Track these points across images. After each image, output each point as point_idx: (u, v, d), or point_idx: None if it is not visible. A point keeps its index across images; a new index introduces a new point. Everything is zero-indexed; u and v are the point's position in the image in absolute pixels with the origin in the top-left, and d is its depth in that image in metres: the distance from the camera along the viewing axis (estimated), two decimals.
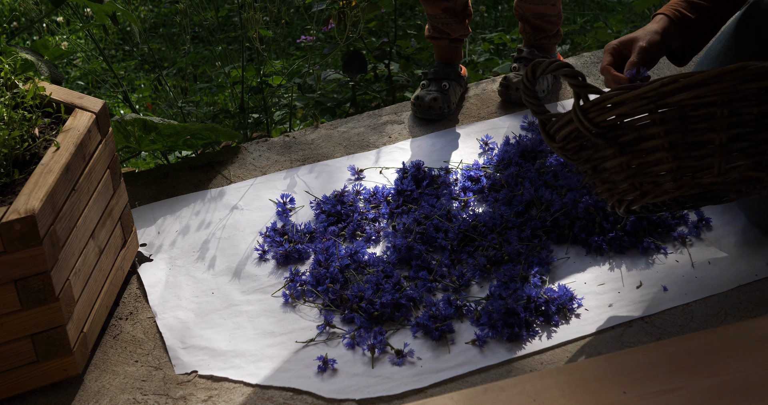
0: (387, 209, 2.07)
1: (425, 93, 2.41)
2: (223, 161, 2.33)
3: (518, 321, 1.73)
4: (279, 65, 3.23)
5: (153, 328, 1.83)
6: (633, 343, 1.70)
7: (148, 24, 3.89)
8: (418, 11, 3.72)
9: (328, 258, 1.92)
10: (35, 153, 1.69)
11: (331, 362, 1.70)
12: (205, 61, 3.41)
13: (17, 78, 1.82)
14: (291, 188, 2.21)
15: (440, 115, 2.40)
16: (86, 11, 3.21)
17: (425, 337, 1.75)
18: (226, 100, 3.09)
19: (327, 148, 2.37)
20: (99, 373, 1.73)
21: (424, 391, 1.64)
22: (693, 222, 1.97)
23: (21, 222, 1.50)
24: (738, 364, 1.22)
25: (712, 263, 1.87)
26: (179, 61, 3.23)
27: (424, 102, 2.39)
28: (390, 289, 1.82)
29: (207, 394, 1.67)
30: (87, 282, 1.73)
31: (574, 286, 1.84)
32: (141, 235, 2.08)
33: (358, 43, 2.79)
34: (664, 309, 1.77)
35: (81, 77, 3.60)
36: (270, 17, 2.55)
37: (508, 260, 1.89)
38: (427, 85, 2.44)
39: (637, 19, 3.35)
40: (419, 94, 2.43)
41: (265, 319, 1.83)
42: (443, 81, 2.43)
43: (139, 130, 2.20)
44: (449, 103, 2.41)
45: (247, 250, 2.02)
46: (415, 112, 2.43)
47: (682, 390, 1.19)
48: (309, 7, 3.36)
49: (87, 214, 1.73)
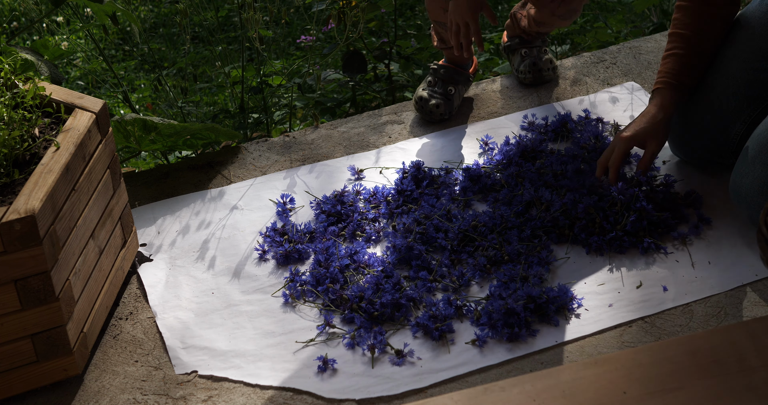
0: (387, 209, 2.07)
1: (429, 95, 2.39)
2: (223, 161, 2.33)
3: (518, 321, 1.73)
4: (279, 65, 3.23)
5: (153, 328, 1.83)
6: (633, 343, 1.70)
7: (148, 24, 3.89)
8: (418, 11, 3.72)
9: (328, 258, 1.92)
10: (35, 153, 1.69)
11: (331, 362, 1.70)
12: (205, 61, 3.41)
13: (17, 78, 1.82)
14: (291, 188, 2.21)
15: (440, 120, 2.40)
16: (86, 11, 3.21)
17: (425, 337, 1.75)
18: (226, 100, 3.09)
19: (327, 148, 2.37)
20: (99, 373, 1.73)
21: (424, 391, 1.64)
22: (693, 222, 1.97)
23: (21, 222, 1.50)
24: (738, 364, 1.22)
25: (712, 263, 1.87)
26: (179, 61, 3.23)
27: (427, 106, 2.38)
28: (390, 289, 1.82)
29: (207, 394, 1.67)
30: (87, 282, 1.73)
31: (574, 286, 1.84)
32: (141, 235, 2.08)
33: (358, 43, 2.79)
34: (664, 309, 1.77)
35: (81, 77, 3.60)
36: (270, 17, 2.55)
37: (508, 260, 1.89)
38: (432, 84, 2.41)
39: (637, 19, 3.35)
40: (423, 94, 2.40)
41: (265, 319, 1.83)
42: (449, 85, 2.40)
43: (139, 130, 2.20)
44: (452, 108, 2.41)
45: (247, 250, 2.02)
46: (415, 109, 2.43)
47: (682, 390, 1.19)
48: (309, 7, 3.36)
49: (87, 214, 1.73)
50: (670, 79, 1.99)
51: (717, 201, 2.02)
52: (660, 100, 1.99)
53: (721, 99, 2.02)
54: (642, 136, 1.96)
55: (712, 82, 2.04)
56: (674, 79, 1.98)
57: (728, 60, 2.02)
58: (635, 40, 2.70)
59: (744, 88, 1.94)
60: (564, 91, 2.51)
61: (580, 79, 2.54)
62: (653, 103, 2.00)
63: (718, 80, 2.03)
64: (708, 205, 2.02)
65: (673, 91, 1.99)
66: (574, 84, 2.53)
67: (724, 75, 2.02)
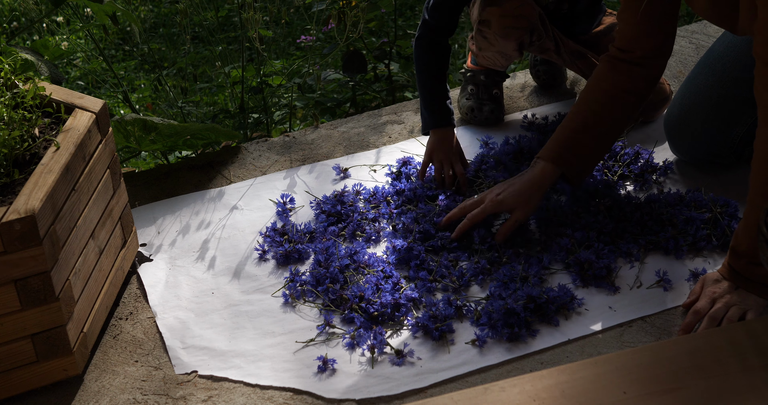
0: (387, 209, 2.07)
1: (478, 104, 2.35)
2: (223, 161, 2.33)
3: (518, 321, 1.73)
4: (279, 65, 3.23)
5: (153, 328, 1.83)
6: (633, 343, 1.70)
7: (148, 24, 3.89)
8: (418, 11, 3.72)
9: (328, 258, 1.92)
10: (35, 153, 1.69)
11: (331, 362, 1.70)
12: (205, 61, 3.41)
13: (17, 78, 1.82)
14: (291, 188, 2.21)
15: (495, 124, 2.39)
16: (86, 11, 3.21)
17: (425, 337, 1.75)
18: (226, 100, 3.09)
19: (327, 148, 2.37)
20: (99, 373, 1.73)
21: (424, 391, 1.64)
22: (695, 222, 1.96)
23: (21, 222, 1.50)
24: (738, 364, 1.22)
25: (712, 263, 1.87)
26: (179, 61, 3.23)
27: (482, 114, 2.35)
28: (390, 289, 1.82)
29: (207, 394, 1.67)
30: (87, 282, 1.73)
31: (574, 286, 1.84)
32: (141, 235, 2.08)
33: (358, 43, 2.79)
34: (664, 309, 1.77)
35: (81, 77, 3.60)
36: (270, 17, 2.55)
37: (506, 262, 1.89)
38: (475, 92, 2.38)
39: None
40: (471, 104, 2.36)
41: (265, 319, 1.83)
42: (494, 88, 2.38)
43: (139, 130, 2.20)
44: (503, 109, 2.39)
45: (247, 250, 2.02)
46: (468, 120, 2.39)
47: (682, 390, 1.19)
48: (309, 7, 3.36)
49: (87, 214, 1.73)
50: (564, 155, 1.93)
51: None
52: (548, 173, 1.92)
53: (721, 100, 2.02)
54: (513, 205, 1.91)
55: (712, 84, 2.04)
56: (565, 158, 1.93)
57: (729, 61, 2.02)
58: None
59: (744, 90, 1.94)
60: (564, 91, 2.51)
61: (580, 79, 2.54)
62: (541, 171, 1.93)
63: (719, 81, 2.03)
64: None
65: (561, 168, 1.93)
66: (574, 84, 2.54)
67: (725, 77, 2.02)
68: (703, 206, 1.98)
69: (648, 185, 2.10)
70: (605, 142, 1.96)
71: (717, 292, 1.70)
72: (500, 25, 2.15)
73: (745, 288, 1.68)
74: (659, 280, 1.82)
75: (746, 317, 1.66)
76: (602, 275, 1.83)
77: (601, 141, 1.95)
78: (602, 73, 1.94)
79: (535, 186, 1.92)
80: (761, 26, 1.54)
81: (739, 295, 1.68)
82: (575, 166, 1.94)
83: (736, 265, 1.68)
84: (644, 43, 1.89)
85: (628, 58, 1.91)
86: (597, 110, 1.93)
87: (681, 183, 2.10)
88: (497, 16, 2.15)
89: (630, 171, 2.12)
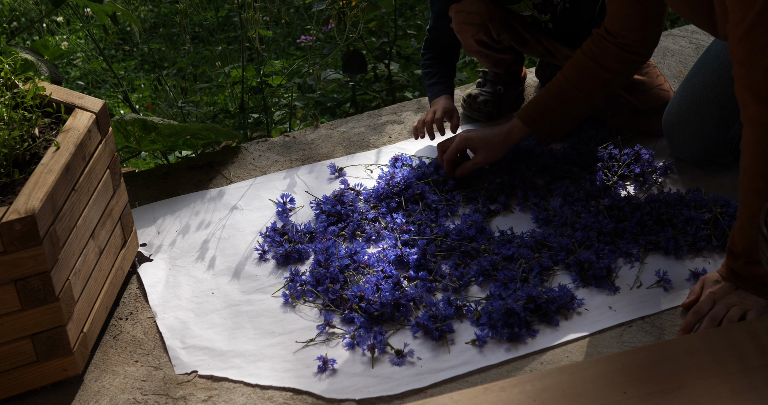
0: (387, 209, 2.07)
1: (478, 92, 2.43)
2: (223, 161, 2.33)
3: (518, 321, 1.73)
4: (279, 65, 3.23)
5: (153, 328, 1.83)
6: (633, 343, 1.70)
7: (148, 24, 3.89)
8: (418, 11, 3.72)
9: (328, 258, 1.92)
10: (35, 153, 1.69)
11: (331, 362, 1.70)
12: (205, 61, 3.42)
13: (17, 78, 1.82)
14: (291, 188, 2.21)
15: (487, 118, 2.41)
16: (86, 11, 3.21)
17: (425, 337, 1.75)
18: (226, 100, 3.09)
19: (327, 148, 2.37)
20: (99, 373, 1.73)
21: (424, 391, 1.64)
22: (695, 222, 1.96)
23: (21, 222, 1.50)
24: (738, 364, 1.22)
25: (712, 263, 1.87)
26: (179, 61, 3.23)
27: (475, 103, 2.41)
28: (390, 289, 1.82)
29: (207, 394, 1.67)
30: (87, 282, 1.73)
31: (574, 286, 1.84)
32: (141, 235, 2.08)
33: (358, 43, 2.79)
34: (664, 309, 1.77)
35: (81, 77, 3.60)
36: (270, 17, 2.55)
37: (504, 266, 1.89)
38: (482, 84, 2.44)
39: None
40: (471, 92, 2.44)
41: (265, 319, 1.83)
42: (498, 85, 2.42)
43: (139, 130, 2.20)
44: (500, 107, 2.42)
45: (247, 250, 2.02)
46: (464, 108, 2.45)
47: (682, 390, 1.19)
48: (309, 7, 3.36)
49: (87, 214, 1.73)
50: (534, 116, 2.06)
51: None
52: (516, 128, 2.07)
53: (720, 99, 2.02)
54: (478, 146, 2.09)
55: (711, 83, 2.04)
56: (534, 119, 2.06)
57: (727, 60, 2.02)
58: None
59: None
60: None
61: None
62: (511, 126, 2.09)
63: (717, 80, 2.03)
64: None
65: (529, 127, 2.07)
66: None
67: (723, 76, 2.02)
68: (703, 206, 1.98)
69: (648, 185, 2.10)
70: (577, 112, 2.08)
71: (717, 293, 1.70)
72: (456, 21, 2.24)
73: (744, 288, 1.68)
74: (659, 280, 1.82)
75: (746, 317, 1.66)
76: (602, 275, 1.84)
77: (573, 110, 2.07)
78: (588, 47, 2.03)
79: (501, 136, 2.08)
80: (732, 27, 1.55)
81: (739, 295, 1.68)
82: (545, 129, 2.07)
83: (735, 266, 1.69)
84: (632, 31, 1.97)
85: (613, 41, 1.99)
86: (573, 81, 2.04)
87: (681, 183, 2.10)
88: (454, 12, 2.23)
89: (630, 171, 2.12)
